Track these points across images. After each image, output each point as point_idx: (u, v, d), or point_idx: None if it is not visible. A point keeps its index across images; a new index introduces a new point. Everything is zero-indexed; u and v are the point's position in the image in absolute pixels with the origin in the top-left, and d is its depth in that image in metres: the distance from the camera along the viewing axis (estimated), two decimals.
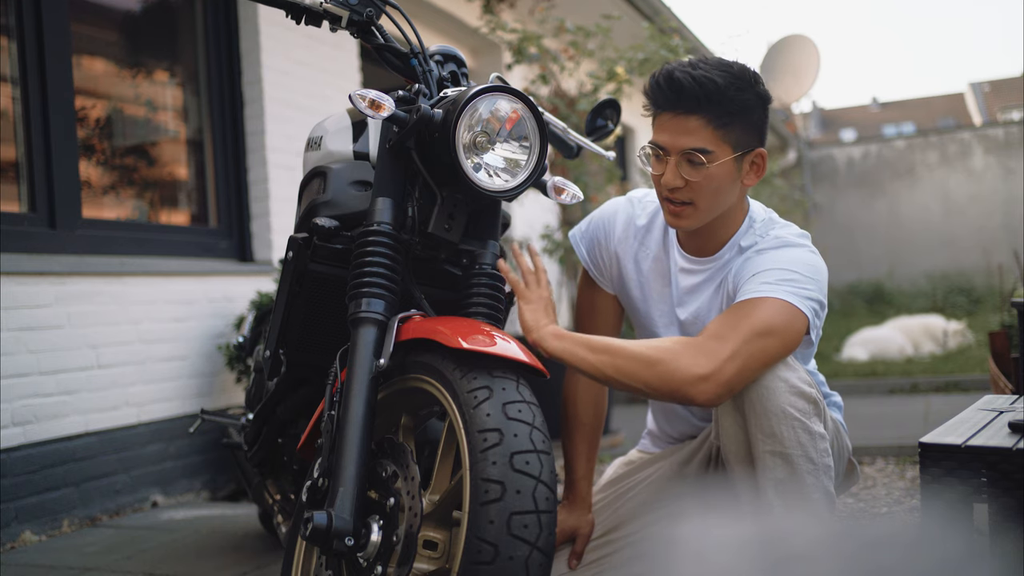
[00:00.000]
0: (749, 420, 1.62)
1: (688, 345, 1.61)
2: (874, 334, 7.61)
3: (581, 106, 4.71)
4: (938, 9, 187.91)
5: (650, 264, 1.91)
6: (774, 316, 1.61)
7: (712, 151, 1.69)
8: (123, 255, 3.50)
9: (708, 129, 1.69)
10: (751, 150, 1.74)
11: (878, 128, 37.99)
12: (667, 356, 1.59)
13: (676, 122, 1.70)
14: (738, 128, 1.71)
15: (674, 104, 1.69)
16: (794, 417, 1.59)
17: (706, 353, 1.58)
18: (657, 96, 1.72)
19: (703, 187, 1.71)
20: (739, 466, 1.68)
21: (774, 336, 1.59)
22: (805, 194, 12.40)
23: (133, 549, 2.80)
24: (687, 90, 1.67)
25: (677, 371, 1.57)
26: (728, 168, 1.72)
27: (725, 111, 1.68)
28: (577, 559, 1.95)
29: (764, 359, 1.59)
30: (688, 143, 1.69)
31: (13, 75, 3.22)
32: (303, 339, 1.88)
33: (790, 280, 1.65)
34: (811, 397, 1.61)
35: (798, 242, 1.76)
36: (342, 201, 1.82)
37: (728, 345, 1.58)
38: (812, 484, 1.60)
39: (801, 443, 1.59)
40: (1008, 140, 12.19)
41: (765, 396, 1.60)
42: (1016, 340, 3.20)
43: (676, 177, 1.71)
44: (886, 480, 3.43)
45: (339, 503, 1.43)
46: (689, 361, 1.57)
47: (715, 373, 1.56)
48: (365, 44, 1.75)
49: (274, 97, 4.14)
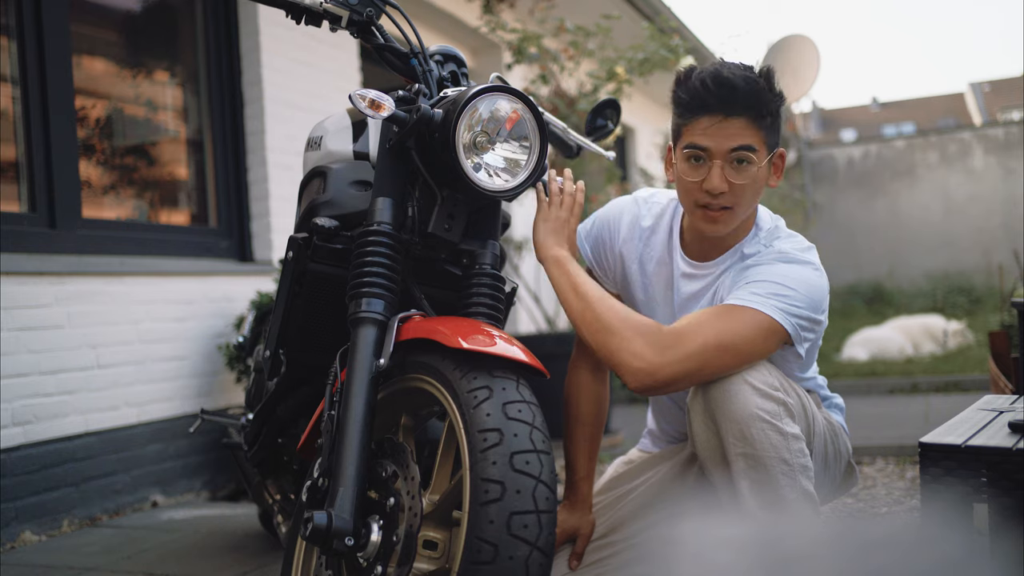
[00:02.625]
0: (720, 424, 1.63)
1: (648, 331, 1.64)
2: (874, 334, 7.60)
3: (581, 106, 4.70)
4: (938, 9, 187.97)
5: (654, 267, 1.91)
6: (745, 328, 1.61)
7: (758, 149, 1.70)
8: (123, 255, 3.50)
9: (752, 129, 1.69)
10: (776, 150, 1.76)
11: (878, 128, 37.99)
12: (625, 333, 1.64)
13: (721, 125, 1.68)
14: (771, 128, 1.73)
15: (724, 106, 1.67)
16: (763, 419, 1.58)
17: (659, 347, 1.61)
18: (705, 98, 1.68)
19: (747, 189, 1.71)
20: (715, 469, 1.68)
21: (734, 351, 1.61)
22: (805, 194, 12.40)
23: (133, 549, 2.80)
24: (739, 90, 1.66)
25: (621, 350, 1.64)
26: (765, 170, 1.74)
27: (767, 111, 1.70)
28: (577, 559, 1.95)
29: (714, 370, 1.62)
30: (737, 143, 1.68)
31: (13, 75, 3.21)
32: (303, 339, 1.88)
33: (781, 295, 1.65)
34: (778, 399, 1.61)
35: (801, 258, 1.73)
36: (342, 201, 1.82)
37: (683, 348, 1.60)
38: (787, 485, 1.59)
39: (773, 444, 1.58)
40: (1008, 140, 12.18)
41: (732, 399, 1.60)
42: (1016, 340, 3.20)
43: (723, 181, 1.69)
44: (886, 480, 3.43)
45: (339, 503, 1.43)
46: (638, 348, 1.62)
47: (656, 370, 1.61)
48: (365, 44, 1.74)
49: (274, 97, 4.14)
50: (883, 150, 13.04)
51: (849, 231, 12.67)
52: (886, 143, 13.24)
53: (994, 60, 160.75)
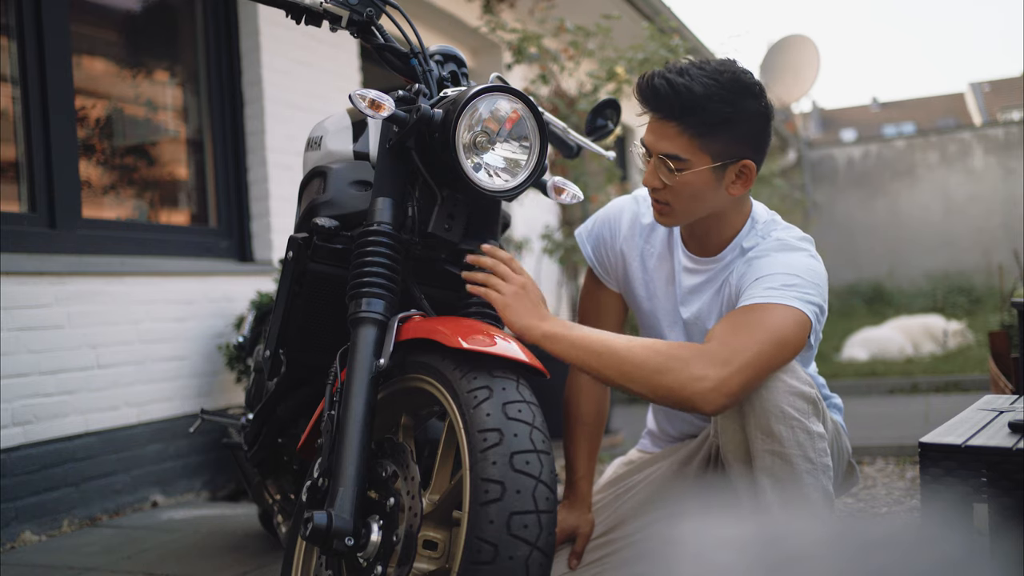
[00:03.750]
0: (748, 419, 1.62)
1: (698, 353, 1.56)
2: (874, 334, 7.61)
3: (581, 106, 4.71)
4: (938, 9, 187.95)
5: (655, 262, 1.91)
6: (786, 324, 1.59)
7: (686, 159, 1.67)
8: (123, 255, 3.50)
9: (684, 137, 1.67)
10: (735, 161, 1.70)
11: (878, 128, 38.00)
12: (676, 365, 1.54)
13: (658, 125, 1.70)
14: (722, 138, 1.67)
15: (652, 108, 1.70)
16: (793, 417, 1.58)
17: (717, 363, 1.54)
18: (640, 97, 1.72)
19: (678, 192, 1.71)
20: (738, 465, 1.68)
21: (787, 346, 1.58)
22: (805, 194, 12.40)
23: (133, 549, 2.80)
24: (662, 97, 1.66)
25: (687, 382, 1.53)
26: (705, 177, 1.69)
27: (702, 121, 1.65)
28: (577, 559, 1.95)
29: (773, 367, 1.58)
30: (664, 148, 1.68)
31: (13, 75, 3.22)
32: (303, 339, 1.88)
33: (793, 285, 1.64)
34: (810, 397, 1.61)
35: (800, 246, 1.75)
36: (342, 201, 1.81)
37: (742, 355, 1.54)
38: (811, 484, 1.60)
39: (800, 443, 1.59)
40: (1008, 140, 12.19)
41: (764, 396, 1.59)
42: (1016, 340, 3.20)
43: (654, 178, 1.72)
44: (886, 480, 3.43)
45: (339, 503, 1.43)
46: (698, 371, 1.53)
47: (723, 383, 1.53)
48: (365, 44, 1.74)
49: (274, 97, 4.14)
50: (883, 150, 13.05)
51: (849, 231, 12.68)
52: (886, 143, 13.24)
53: (994, 60, 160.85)
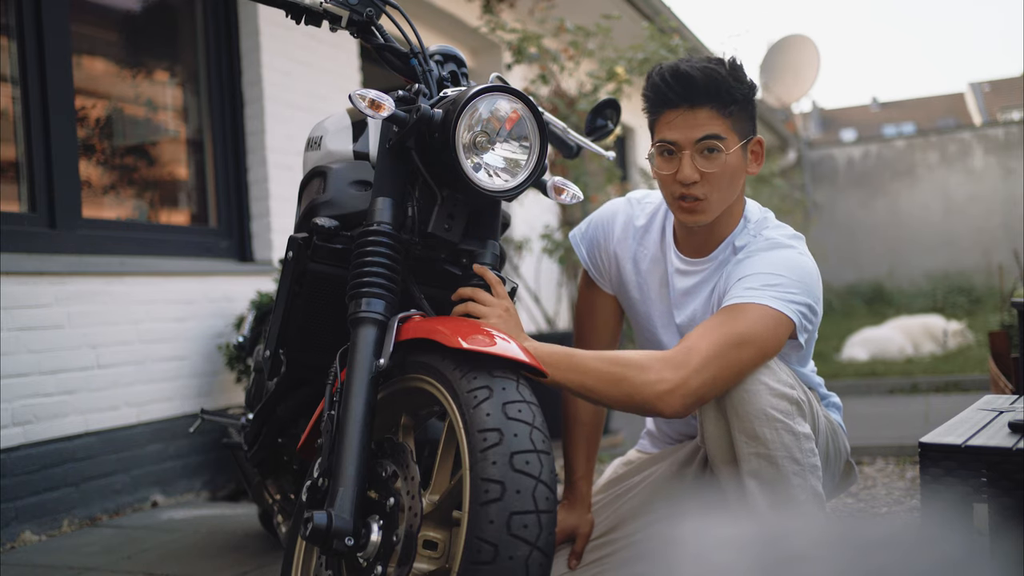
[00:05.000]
0: (732, 423, 1.62)
1: (657, 359, 1.59)
2: (874, 334, 7.61)
3: (581, 106, 4.70)
4: (938, 9, 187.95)
5: (648, 265, 1.91)
6: (753, 323, 1.60)
7: (725, 138, 1.72)
8: (123, 255, 3.50)
9: (719, 119, 1.71)
10: (751, 138, 1.78)
11: (878, 128, 37.99)
12: (631, 373, 1.58)
13: (685, 116, 1.72)
14: (740, 116, 1.74)
15: (685, 98, 1.71)
16: (776, 419, 1.58)
17: (674, 365, 1.57)
18: (666, 93, 1.73)
19: (719, 177, 1.73)
20: (725, 468, 1.68)
21: (749, 345, 1.59)
22: (805, 194, 12.40)
23: (133, 549, 2.80)
24: (697, 82, 1.70)
25: (643, 387, 1.57)
26: (738, 157, 1.75)
27: (731, 99, 1.71)
28: (577, 559, 1.95)
29: (738, 368, 1.59)
30: (702, 133, 1.71)
31: (13, 75, 3.22)
32: (303, 339, 1.88)
33: (774, 285, 1.65)
34: (793, 398, 1.61)
35: (788, 243, 1.75)
36: (342, 201, 1.81)
37: (697, 356, 1.57)
38: (798, 485, 1.60)
39: (785, 444, 1.59)
40: (1008, 140, 12.19)
41: (746, 399, 1.59)
42: (1016, 340, 3.20)
43: (693, 171, 1.72)
44: (886, 480, 3.43)
45: (339, 503, 1.43)
46: (654, 376, 1.56)
47: (680, 385, 1.56)
48: (365, 44, 1.74)
49: (274, 97, 4.14)
50: (883, 150, 13.05)
51: (849, 231, 12.68)
52: (886, 143, 13.24)
53: (994, 60, 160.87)
